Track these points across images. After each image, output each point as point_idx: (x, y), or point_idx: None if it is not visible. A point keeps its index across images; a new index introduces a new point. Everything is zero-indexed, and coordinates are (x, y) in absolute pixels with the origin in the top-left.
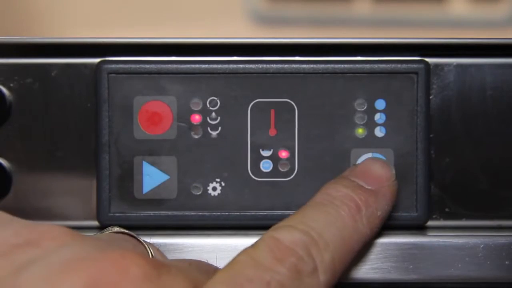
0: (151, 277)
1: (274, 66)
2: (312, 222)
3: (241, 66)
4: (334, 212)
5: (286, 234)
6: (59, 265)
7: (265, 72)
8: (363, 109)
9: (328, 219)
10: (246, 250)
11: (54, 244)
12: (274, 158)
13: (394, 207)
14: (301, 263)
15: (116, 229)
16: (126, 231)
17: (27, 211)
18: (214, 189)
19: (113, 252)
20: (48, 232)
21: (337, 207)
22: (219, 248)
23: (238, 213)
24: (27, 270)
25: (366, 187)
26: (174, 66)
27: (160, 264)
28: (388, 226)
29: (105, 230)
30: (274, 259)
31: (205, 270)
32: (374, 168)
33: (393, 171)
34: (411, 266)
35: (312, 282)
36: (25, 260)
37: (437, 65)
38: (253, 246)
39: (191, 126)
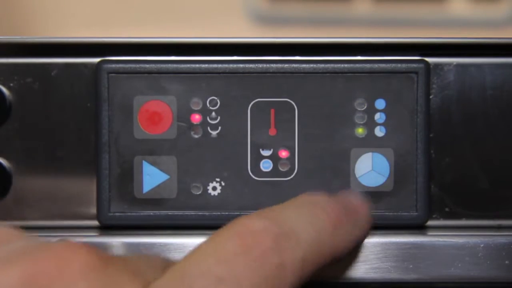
0: (95, 268)
1: (274, 66)
2: (287, 217)
3: (241, 66)
4: (313, 214)
5: (256, 221)
6: None
7: (265, 72)
8: (363, 109)
9: (305, 218)
10: (211, 236)
11: None
12: (274, 158)
13: (394, 206)
14: (267, 255)
15: None
16: None
17: (27, 211)
18: (214, 188)
19: (57, 245)
20: None
21: (319, 211)
22: None
23: (238, 213)
24: None
25: (347, 210)
26: (174, 66)
27: (106, 256)
28: (388, 225)
29: None
30: (238, 246)
31: (153, 264)
32: (353, 198)
33: (370, 210)
34: (411, 266)
35: (274, 278)
36: None
37: (437, 65)
38: (219, 230)
39: (191, 126)
